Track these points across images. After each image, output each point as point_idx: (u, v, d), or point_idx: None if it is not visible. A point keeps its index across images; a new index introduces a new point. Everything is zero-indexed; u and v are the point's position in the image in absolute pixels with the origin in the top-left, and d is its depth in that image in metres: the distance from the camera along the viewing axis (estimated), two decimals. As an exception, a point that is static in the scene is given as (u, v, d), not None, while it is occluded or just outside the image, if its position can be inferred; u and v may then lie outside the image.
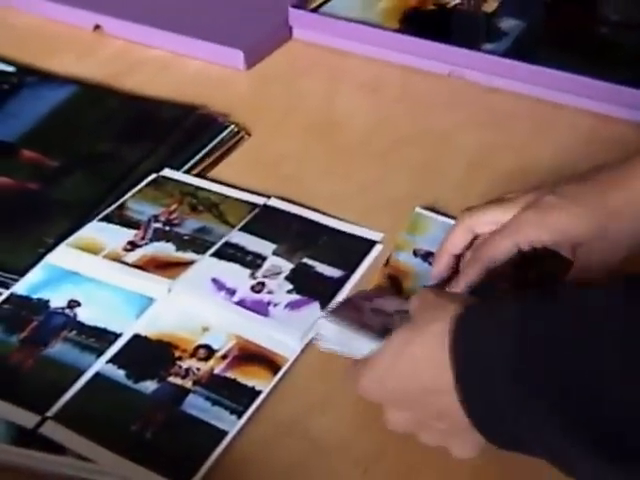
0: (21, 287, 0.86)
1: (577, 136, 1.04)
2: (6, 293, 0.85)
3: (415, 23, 1.21)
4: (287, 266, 0.88)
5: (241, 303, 0.84)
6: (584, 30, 1.19)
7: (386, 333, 0.70)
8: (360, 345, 0.71)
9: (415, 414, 0.69)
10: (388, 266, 0.87)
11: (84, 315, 0.83)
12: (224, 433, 0.73)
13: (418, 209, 0.93)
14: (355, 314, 0.75)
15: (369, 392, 0.70)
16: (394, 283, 0.86)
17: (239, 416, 0.75)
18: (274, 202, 0.95)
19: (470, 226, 0.83)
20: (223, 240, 0.90)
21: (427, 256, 0.88)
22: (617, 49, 1.15)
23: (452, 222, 0.86)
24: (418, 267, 0.87)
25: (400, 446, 0.73)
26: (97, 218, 0.93)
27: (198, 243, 0.90)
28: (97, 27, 1.26)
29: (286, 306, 0.84)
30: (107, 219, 0.93)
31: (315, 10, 1.23)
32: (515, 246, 0.79)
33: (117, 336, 0.81)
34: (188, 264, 0.88)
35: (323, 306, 0.83)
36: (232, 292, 0.85)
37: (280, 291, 0.85)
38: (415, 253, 0.89)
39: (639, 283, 0.60)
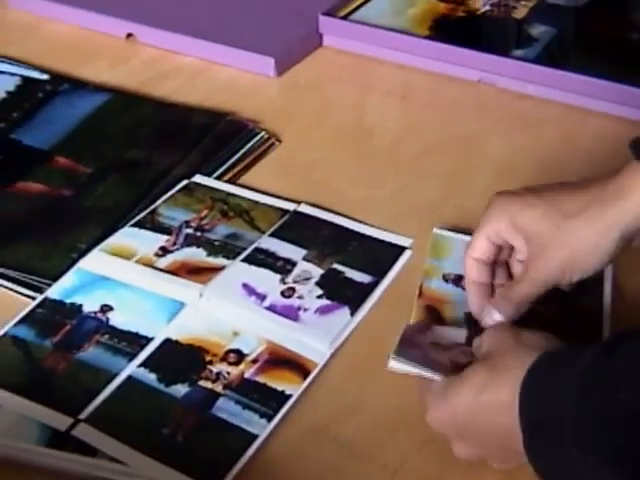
0: (54, 292, 0.87)
1: (606, 142, 1.04)
2: (40, 297, 0.86)
3: (445, 30, 1.21)
4: (317, 271, 0.88)
5: (271, 308, 0.84)
6: (614, 36, 1.19)
7: (457, 369, 0.71)
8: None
9: (483, 450, 0.70)
10: (423, 297, 0.86)
11: (116, 319, 0.84)
12: (254, 437, 0.74)
13: (436, 230, 0.92)
14: (419, 351, 0.75)
15: (439, 424, 0.71)
16: (433, 314, 0.85)
17: (269, 420, 0.75)
18: (304, 208, 0.96)
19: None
20: (253, 246, 0.91)
21: (458, 281, 0.87)
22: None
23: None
24: (453, 294, 0.86)
25: (428, 449, 0.73)
26: (129, 224, 0.94)
27: (229, 248, 0.91)
28: (129, 35, 1.27)
29: (316, 311, 0.84)
30: (139, 225, 0.94)
31: (345, 17, 1.24)
32: (486, 237, 0.79)
33: (149, 340, 0.82)
34: (219, 269, 0.88)
35: (353, 311, 0.84)
36: (262, 297, 0.85)
37: (310, 296, 0.86)
38: (445, 279, 0.88)
39: None
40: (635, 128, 1.05)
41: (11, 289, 0.88)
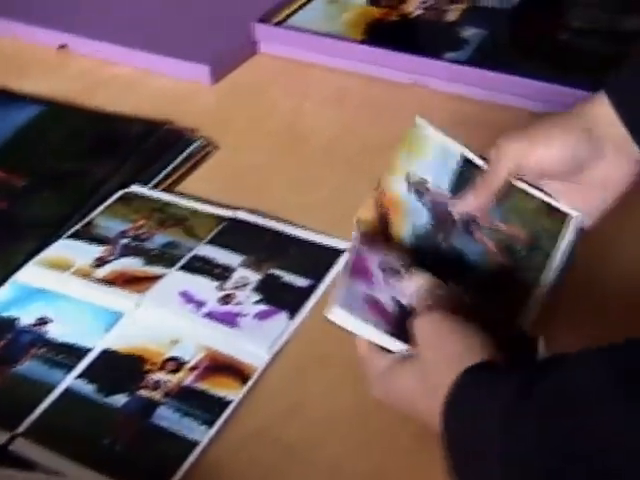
0: (-10, 306, 0.86)
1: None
2: (-25, 313, 0.86)
3: (379, 34, 1.22)
4: (255, 277, 0.88)
5: (210, 315, 0.84)
6: (545, 37, 1.20)
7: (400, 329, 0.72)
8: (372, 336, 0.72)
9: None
10: (379, 193, 0.83)
11: (54, 332, 0.84)
12: (195, 443, 0.74)
13: (419, 120, 0.90)
14: (365, 283, 0.75)
15: (381, 397, 0.73)
16: (383, 218, 0.82)
17: (210, 426, 0.75)
18: (242, 214, 0.96)
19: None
20: (191, 253, 0.91)
21: (422, 194, 0.85)
22: (577, 55, 1.17)
23: (451, 144, 0.89)
24: (410, 208, 0.84)
25: (369, 449, 0.74)
26: (65, 235, 0.94)
27: (166, 257, 0.91)
28: (63, 46, 1.26)
29: (254, 316, 0.84)
30: (76, 236, 0.94)
31: (280, 24, 1.24)
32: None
33: (87, 351, 0.82)
34: (157, 278, 0.88)
35: (291, 315, 0.84)
36: (201, 304, 0.85)
37: (248, 302, 0.86)
38: (409, 184, 0.85)
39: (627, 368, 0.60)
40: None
41: (-54, 304, 0.88)
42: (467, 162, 0.88)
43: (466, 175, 0.87)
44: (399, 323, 0.73)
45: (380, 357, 0.73)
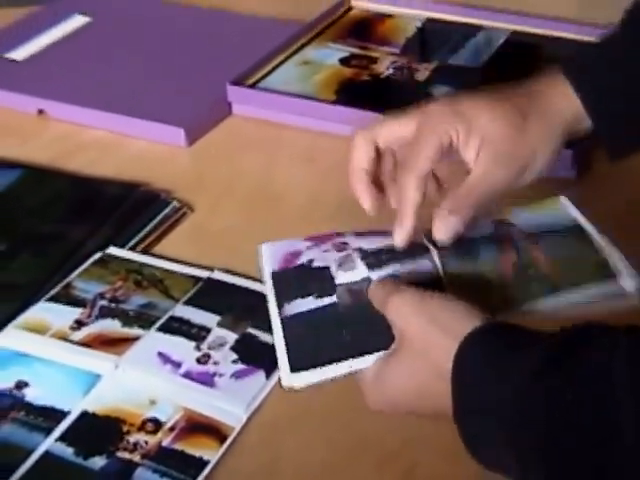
0: (-31, 371, 0.87)
1: (512, 197, 1.06)
2: (-46, 377, 0.86)
3: (350, 94, 1.24)
4: (232, 337, 0.90)
5: (187, 375, 0.85)
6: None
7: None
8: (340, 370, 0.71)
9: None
10: None
11: (32, 395, 0.84)
12: (173, 504, 0.75)
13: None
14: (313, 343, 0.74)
15: (379, 407, 0.72)
16: None
17: (188, 487, 0.76)
18: (218, 275, 0.97)
19: (370, 137, 0.84)
20: (168, 314, 0.92)
21: None
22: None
23: None
24: None
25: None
26: (43, 299, 0.95)
27: (144, 318, 0.92)
28: (41, 111, 1.28)
29: (232, 376, 0.85)
30: (53, 299, 0.95)
31: (253, 85, 1.26)
32: (437, 140, 0.78)
33: (65, 414, 0.83)
34: (134, 339, 0.89)
35: (268, 374, 0.85)
36: (178, 365, 0.86)
37: (225, 361, 0.87)
38: None
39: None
40: (539, 182, 1.08)
41: None
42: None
43: None
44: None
45: (366, 369, 0.71)
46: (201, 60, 1.35)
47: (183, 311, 0.93)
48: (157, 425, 0.81)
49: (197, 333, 0.90)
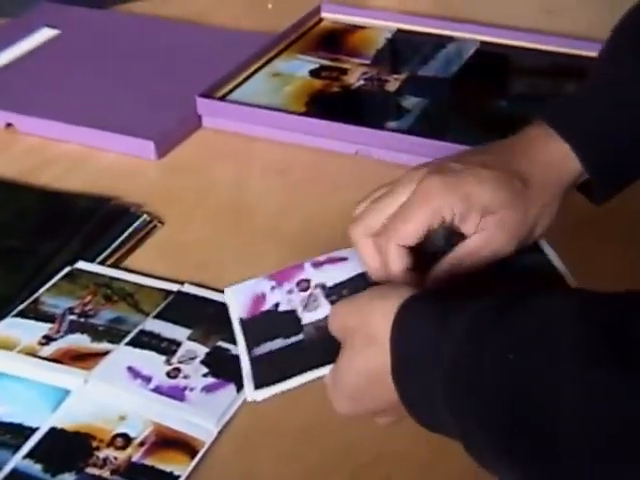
0: None
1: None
2: None
3: (321, 105, 1.24)
4: (202, 350, 0.89)
5: (157, 390, 0.85)
6: (484, 104, 1.23)
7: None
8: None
9: (392, 413, 0.71)
10: None
11: (0, 412, 0.83)
12: (143, 520, 0.74)
13: None
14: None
15: (347, 412, 0.72)
16: None
17: (158, 502, 0.75)
18: (188, 288, 0.97)
19: (369, 235, 0.78)
20: (138, 328, 0.91)
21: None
22: (517, 120, 1.19)
23: None
24: None
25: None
26: (12, 314, 0.94)
27: (113, 333, 0.91)
28: (9, 125, 1.27)
29: (202, 390, 0.85)
30: (21, 315, 0.94)
31: (223, 98, 1.26)
32: (427, 219, 0.74)
33: (33, 430, 0.81)
34: (104, 354, 0.88)
35: (239, 387, 0.84)
36: (148, 379, 0.85)
37: (196, 375, 0.86)
38: None
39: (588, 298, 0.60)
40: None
41: None
42: None
43: None
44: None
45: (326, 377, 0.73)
46: (170, 73, 1.34)
47: (153, 325, 0.92)
48: (127, 440, 0.80)
49: (167, 347, 0.89)
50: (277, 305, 0.83)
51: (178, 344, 0.89)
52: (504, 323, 0.61)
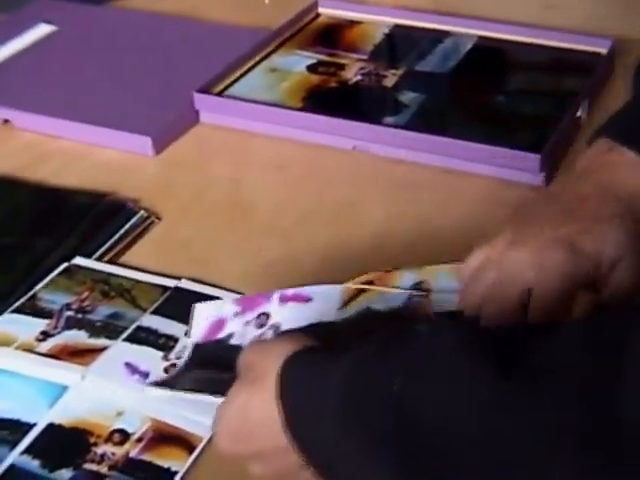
0: None
1: (479, 202, 1.07)
2: None
3: (318, 101, 1.24)
4: (199, 346, 0.89)
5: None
6: (481, 99, 1.23)
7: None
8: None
9: (277, 469, 0.70)
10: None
11: (-3, 408, 0.83)
12: (141, 516, 0.74)
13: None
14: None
15: (228, 450, 0.72)
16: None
17: (156, 498, 0.75)
18: (185, 284, 0.96)
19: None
20: (135, 324, 0.91)
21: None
22: (516, 116, 1.19)
23: None
24: None
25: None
26: (8, 310, 0.93)
27: (111, 329, 0.91)
28: (6, 121, 1.27)
29: (199, 385, 0.85)
30: (18, 311, 0.93)
31: (220, 93, 1.26)
32: (518, 296, 0.73)
33: (31, 426, 0.81)
34: (101, 350, 0.88)
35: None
36: (145, 375, 0.85)
37: (193, 371, 0.86)
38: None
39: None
40: (508, 188, 1.08)
41: None
42: None
43: None
44: None
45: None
46: (168, 68, 1.34)
47: (150, 321, 0.92)
48: (124, 436, 0.80)
49: (164, 343, 0.89)
50: (230, 336, 0.86)
51: (175, 340, 0.89)
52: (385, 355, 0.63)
